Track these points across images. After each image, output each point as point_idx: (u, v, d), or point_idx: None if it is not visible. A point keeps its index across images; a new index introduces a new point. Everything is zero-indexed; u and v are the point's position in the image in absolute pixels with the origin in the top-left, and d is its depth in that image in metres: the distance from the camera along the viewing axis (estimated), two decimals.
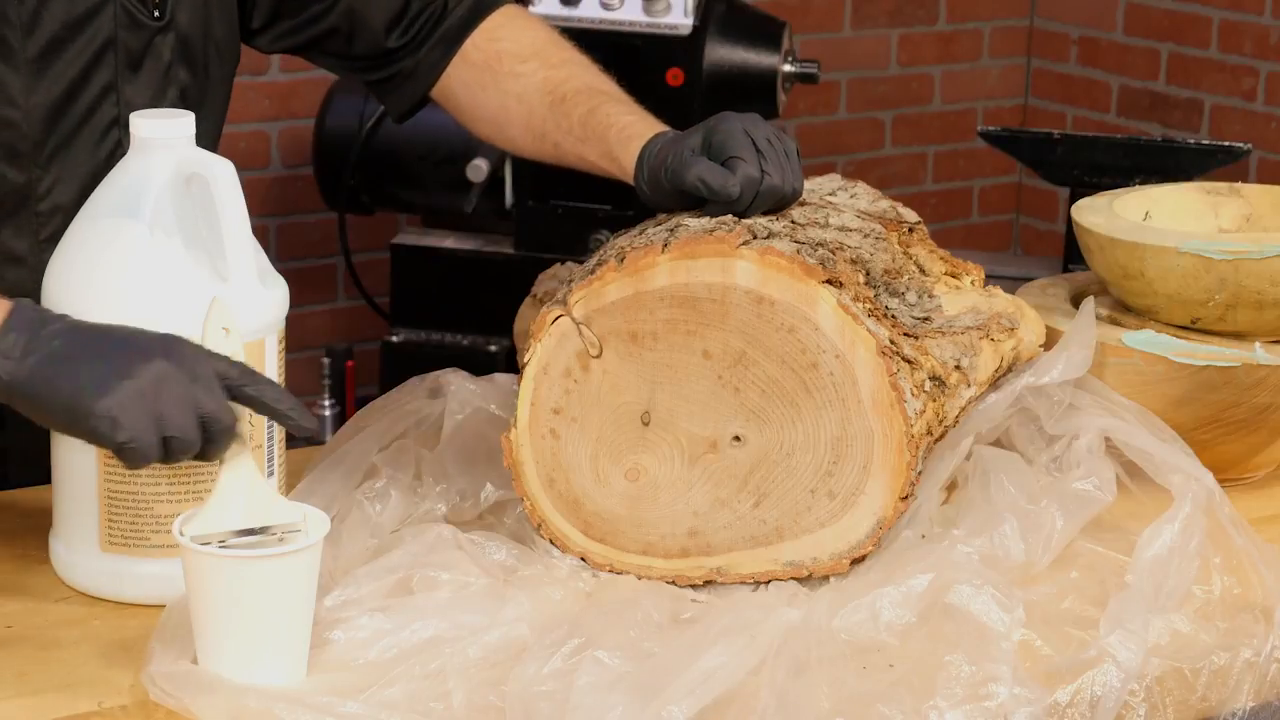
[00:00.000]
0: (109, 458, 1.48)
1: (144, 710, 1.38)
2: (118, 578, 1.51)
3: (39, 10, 1.66)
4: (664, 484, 1.57)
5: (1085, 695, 1.45)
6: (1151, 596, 1.53)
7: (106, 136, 1.70)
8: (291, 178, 3.97)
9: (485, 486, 1.67)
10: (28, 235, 1.69)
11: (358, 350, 3.89)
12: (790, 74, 3.34)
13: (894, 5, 4.61)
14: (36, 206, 1.69)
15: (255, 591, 1.37)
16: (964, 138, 4.73)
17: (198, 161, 1.50)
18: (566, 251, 3.05)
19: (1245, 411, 1.77)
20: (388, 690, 1.38)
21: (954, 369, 1.62)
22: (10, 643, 1.46)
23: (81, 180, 1.65)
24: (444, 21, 1.85)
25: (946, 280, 1.74)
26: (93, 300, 1.48)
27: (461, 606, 1.48)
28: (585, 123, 1.77)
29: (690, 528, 1.57)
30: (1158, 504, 1.62)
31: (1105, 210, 1.90)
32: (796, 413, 1.54)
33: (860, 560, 1.56)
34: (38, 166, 1.68)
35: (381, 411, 1.75)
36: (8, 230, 1.69)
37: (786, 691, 1.38)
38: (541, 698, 1.36)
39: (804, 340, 1.53)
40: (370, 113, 3.44)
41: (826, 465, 1.54)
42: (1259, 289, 1.77)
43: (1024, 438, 1.70)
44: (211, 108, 1.79)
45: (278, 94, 3.93)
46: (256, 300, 1.50)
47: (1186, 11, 4.48)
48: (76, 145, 1.70)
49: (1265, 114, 4.37)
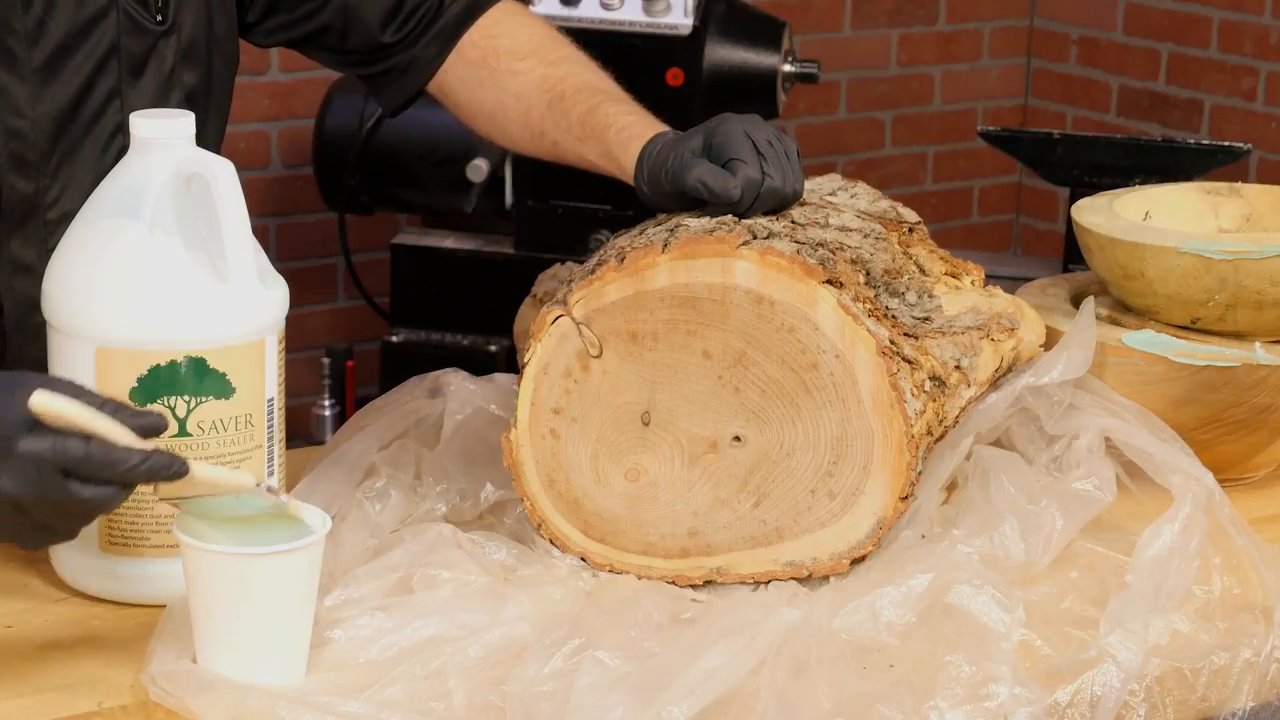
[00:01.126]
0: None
1: (144, 710, 1.38)
2: (118, 578, 1.51)
3: (44, 19, 1.65)
4: (664, 484, 1.57)
5: (1085, 695, 1.45)
6: (1151, 596, 1.53)
7: (112, 143, 1.70)
8: (291, 178, 3.97)
9: (485, 486, 1.67)
10: (36, 244, 1.69)
11: (358, 350, 3.89)
12: (790, 74, 3.34)
13: (894, 5, 4.61)
14: (45, 215, 1.69)
15: (256, 589, 1.37)
16: (964, 138, 4.73)
17: (198, 161, 1.50)
18: (566, 251, 3.05)
19: (1245, 411, 1.77)
20: (389, 689, 1.38)
21: (954, 369, 1.62)
22: (10, 643, 1.46)
23: (88, 188, 1.65)
24: (440, 18, 1.85)
25: (946, 280, 1.74)
26: (93, 300, 1.48)
27: (462, 606, 1.48)
28: (584, 122, 1.77)
29: (690, 528, 1.57)
30: (1158, 504, 1.62)
31: (1105, 210, 1.90)
32: (796, 413, 1.54)
33: (860, 560, 1.56)
34: (45, 175, 1.68)
35: (381, 411, 1.75)
36: (16, 240, 1.69)
37: (786, 691, 1.38)
38: (542, 698, 1.36)
39: (804, 340, 1.53)
40: (370, 113, 3.44)
41: (826, 465, 1.54)
42: (1259, 289, 1.77)
43: (1024, 438, 1.70)
44: (216, 108, 1.79)
45: (278, 94, 3.93)
46: (256, 300, 1.50)
47: (1186, 11, 4.48)
48: (83, 153, 1.70)
49: (1265, 114, 4.37)
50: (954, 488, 1.66)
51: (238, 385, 1.49)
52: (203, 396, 1.48)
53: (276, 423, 1.53)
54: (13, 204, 1.68)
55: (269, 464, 1.53)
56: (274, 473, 1.54)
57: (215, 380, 1.48)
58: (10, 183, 1.67)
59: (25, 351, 1.70)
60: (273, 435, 1.53)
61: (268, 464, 1.52)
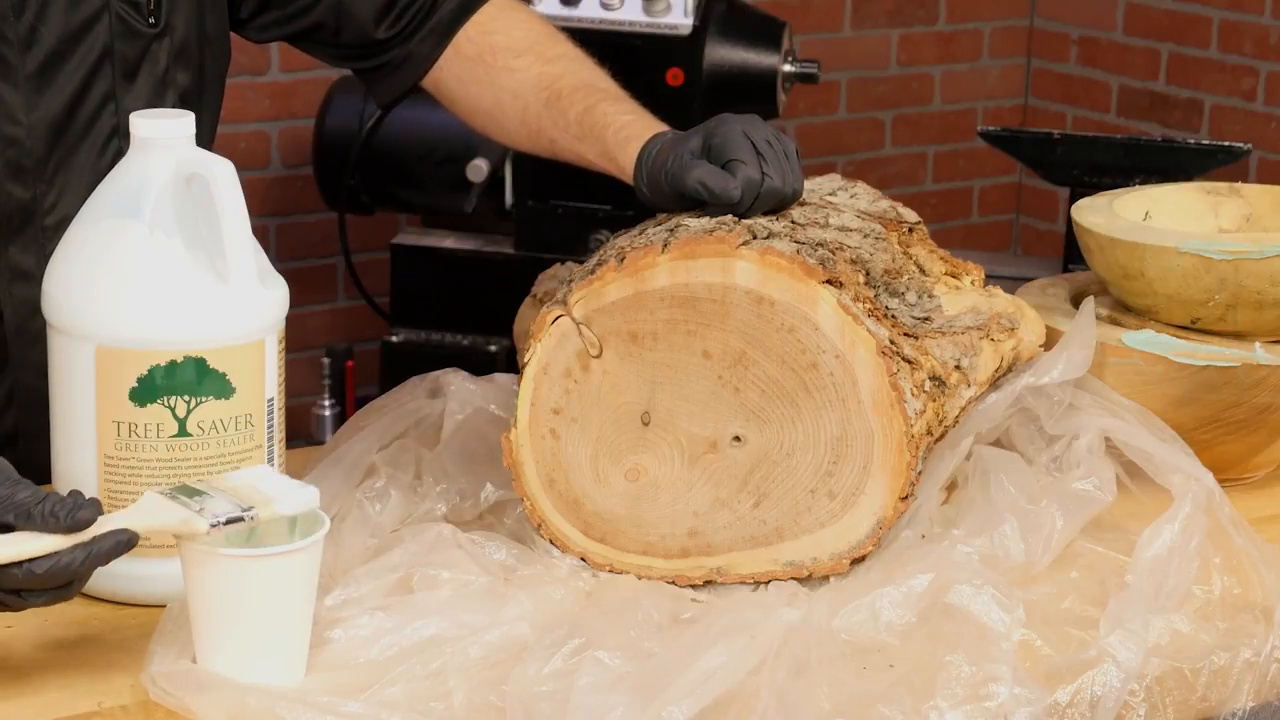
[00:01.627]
0: (109, 457, 1.48)
1: (144, 710, 1.38)
2: (118, 578, 1.51)
3: (36, 26, 1.65)
4: (664, 484, 1.57)
5: (1085, 695, 1.45)
6: (1151, 596, 1.53)
7: (108, 147, 1.70)
8: (291, 178, 3.97)
9: (485, 486, 1.67)
10: (34, 251, 1.69)
11: (358, 350, 3.90)
12: (790, 74, 3.34)
13: (894, 5, 4.61)
14: (42, 221, 1.69)
15: (255, 590, 1.37)
16: (964, 138, 4.73)
17: (198, 161, 1.50)
18: (566, 251, 3.05)
19: (1245, 411, 1.77)
20: (389, 690, 1.38)
21: (954, 369, 1.62)
22: (10, 643, 1.46)
23: (84, 192, 1.65)
24: (435, 14, 1.85)
25: (946, 280, 1.74)
26: (93, 300, 1.48)
27: (462, 606, 1.48)
28: (581, 121, 1.77)
29: (690, 528, 1.57)
30: (1158, 504, 1.62)
31: (1105, 210, 1.90)
32: (796, 413, 1.54)
33: (860, 560, 1.56)
34: (42, 181, 1.68)
35: (381, 411, 1.75)
36: (15, 247, 1.69)
37: (786, 692, 1.38)
38: (542, 698, 1.36)
39: (804, 340, 1.53)
40: (370, 113, 3.44)
41: (826, 465, 1.54)
42: (1259, 289, 1.77)
43: (1024, 438, 1.70)
44: (208, 107, 1.79)
45: (278, 94, 3.93)
46: (256, 300, 1.50)
47: (1186, 11, 4.49)
48: (79, 158, 1.69)
49: (1265, 114, 4.37)
50: (954, 488, 1.66)
51: (238, 385, 1.49)
52: (203, 396, 1.48)
53: (276, 423, 1.53)
54: (10, 211, 1.68)
55: (269, 464, 1.52)
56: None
57: (215, 380, 1.48)
58: (7, 190, 1.67)
59: (26, 356, 1.70)
60: (273, 435, 1.53)
61: (268, 464, 1.52)
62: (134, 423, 1.48)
